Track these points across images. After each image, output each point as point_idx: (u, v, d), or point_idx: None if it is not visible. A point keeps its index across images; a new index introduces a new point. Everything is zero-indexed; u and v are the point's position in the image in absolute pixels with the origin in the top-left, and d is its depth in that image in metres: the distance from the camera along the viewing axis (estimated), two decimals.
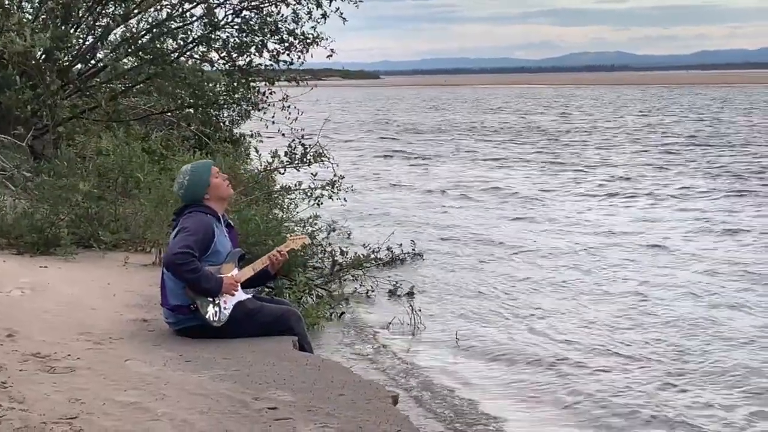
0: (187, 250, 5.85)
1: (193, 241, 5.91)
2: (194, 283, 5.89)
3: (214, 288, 5.95)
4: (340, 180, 12.14)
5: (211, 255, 6.06)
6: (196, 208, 6.16)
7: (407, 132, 46.23)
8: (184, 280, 5.89)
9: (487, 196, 21.51)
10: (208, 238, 6.03)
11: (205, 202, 6.19)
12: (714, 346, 8.83)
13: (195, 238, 5.93)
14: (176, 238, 6.02)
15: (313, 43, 13.97)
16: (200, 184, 6.19)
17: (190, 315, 6.00)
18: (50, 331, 6.06)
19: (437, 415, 7.06)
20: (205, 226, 6.04)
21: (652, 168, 26.37)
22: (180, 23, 14.06)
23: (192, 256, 5.86)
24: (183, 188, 6.20)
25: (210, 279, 5.94)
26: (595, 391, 7.59)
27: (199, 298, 5.94)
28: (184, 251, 5.84)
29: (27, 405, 4.43)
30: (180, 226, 6.08)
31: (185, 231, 5.99)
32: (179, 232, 6.04)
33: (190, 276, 5.86)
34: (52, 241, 9.03)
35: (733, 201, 19.47)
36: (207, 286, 5.92)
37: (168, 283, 6.05)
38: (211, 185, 6.22)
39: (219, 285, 5.97)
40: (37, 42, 11.28)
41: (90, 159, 10.75)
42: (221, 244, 6.13)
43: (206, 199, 6.20)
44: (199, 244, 5.94)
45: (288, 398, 4.80)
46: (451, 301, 10.91)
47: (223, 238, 6.18)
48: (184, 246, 5.86)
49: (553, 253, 13.84)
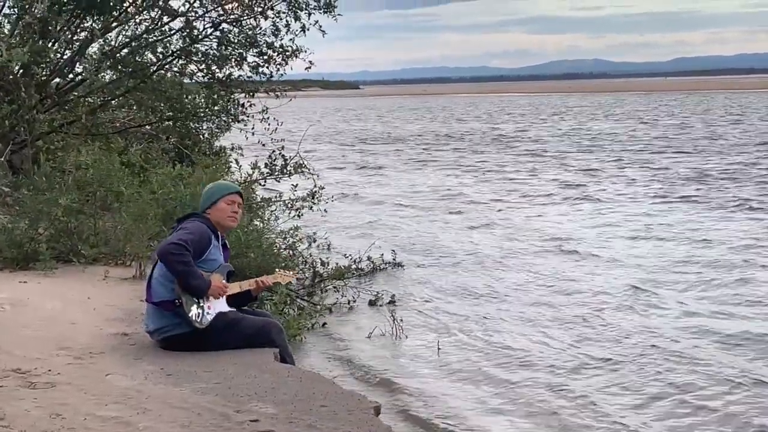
0: (183, 243, 5.97)
1: (190, 239, 6.03)
2: (184, 276, 5.95)
3: (202, 286, 6.02)
4: (321, 191, 12.17)
5: (204, 262, 6.14)
6: (198, 218, 6.33)
7: (362, 142, 46.72)
8: (175, 271, 5.95)
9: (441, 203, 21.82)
10: (204, 243, 6.15)
11: (207, 214, 6.35)
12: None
13: (192, 238, 6.05)
14: (174, 234, 6.14)
15: (293, 55, 14.00)
16: (208, 199, 6.41)
17: (173, 312, 6.00)
18: (30, 346, 6.04)
19: (420, 425, 7.08)
20: (202, 232, 6.18)
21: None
22: (159, 36, 14.04)
23: (186, 250, 5.96)
24: (201, 195, 6.56)
25: (199, 276, 6.03)
26: (578, 398, 7.63)
27: (185, 296, 5.98)
28: (180, 243, 5.96)
29: (8, 421, 4.42)
30: (179, 227, 6.22)
31: (184, 230, 6.14)
32: (178, 231, 6.16)
33: (182, 268, 5.94)
34: (31, 256, 8.99)
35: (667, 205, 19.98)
36: (195, 283, 5.99)
37: (155, 279, 6.11)
38: (216, 205, 6.35)
39: (207, 285, 6.06)
40: (14, 57, 11.24)
41: (69, 173, 10.71)
42: (215, 255, 6.25)
43: (208, 212, 6.35)
44: (195, 245, 6.05)
45: (270, 410, 4.81)
46: (432, 310, 10.93)
47: (216, 251, 6.29)
48: (181, 239, 5.99)
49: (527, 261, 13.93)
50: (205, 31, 13.98)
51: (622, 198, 21.52)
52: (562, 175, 27.10)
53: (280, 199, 12.33)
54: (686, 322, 10.03)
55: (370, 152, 39.06)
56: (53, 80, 13.91)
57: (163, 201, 9.86)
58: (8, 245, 9.04)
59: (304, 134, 13.02)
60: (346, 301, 10.92)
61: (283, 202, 12.21)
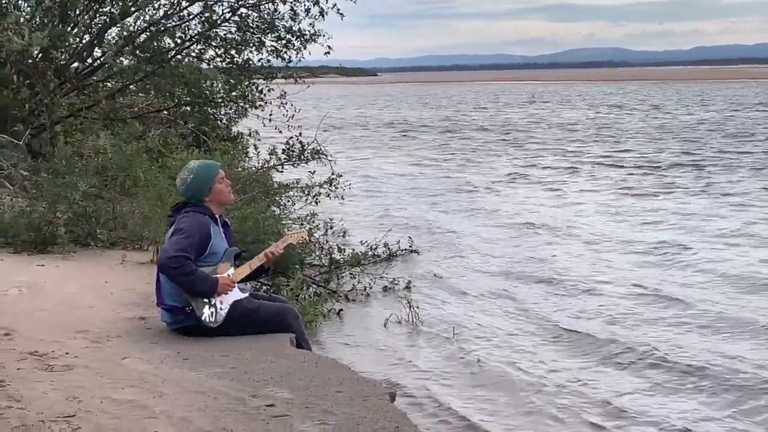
0: (182, 253, 5.82)
1: (188, 244, 5.88)
2: (189, 286, 5.88)
3: (209, 290, 5.94)
4: (338, 178, 12.15)
5: (208, 256, 6.04)
6: (194, 208, 6.14)
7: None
8: (179, 283, 5.88)
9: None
10: (204, 240, 6.00)
11: (204, 202, 6.18)
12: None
13: (190, 242, 5.90)
14: (171, 239, 5.99)
15: (311, 39, 13.96)
16: (203, 185, 6.15)
17: (186, 316, 6.00)
18: (47, 329, 6.06)
19: (435, 411, 7.07)
20: (201, 227, 6.00)
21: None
22: (177, 21, 14.04)
23: (187, 259, 5.83)
24: (185, 185, 6.17)
25: (205, 281, 5.92)
26: (594, 390, 7.61)
27: (195, 300, 5.93)
28: (178, 254, 5.81)
29: (25, 403, 4.43)
30: (176, 227, 6.06)
31: (180, 233, 5.95)
32: (174, 233, 6.03)
33: (185, 279, 5.85)
34: (49, 240, 9.02)
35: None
36: (202, 289, 5.91)
37: (163, 284, 6.04)
38: (214, 189, 6.18)
39: (214, 286, 5.96)
40: (34, 41, 11.26)
41: (88, 157, 10.73)
42: (217, 245, 6.11)
43: (206, 200, 6.18)
44: (195, 247, 5.92)
45: (286, 395, 4.81)
46: (449, 297, 10.92)
47: (219, 239, 6.15)
48: (179, 249, 5.84)
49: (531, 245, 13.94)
50: (224, 15, 13.96)
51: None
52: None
53: (297, 185, 12.33)
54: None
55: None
56: (72, 64, 13.93)
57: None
58: (26, 228, 9.07)
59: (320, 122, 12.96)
60: (363, 287, 10.91)
61: (300, 188, 12.20)
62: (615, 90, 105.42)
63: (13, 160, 11.71)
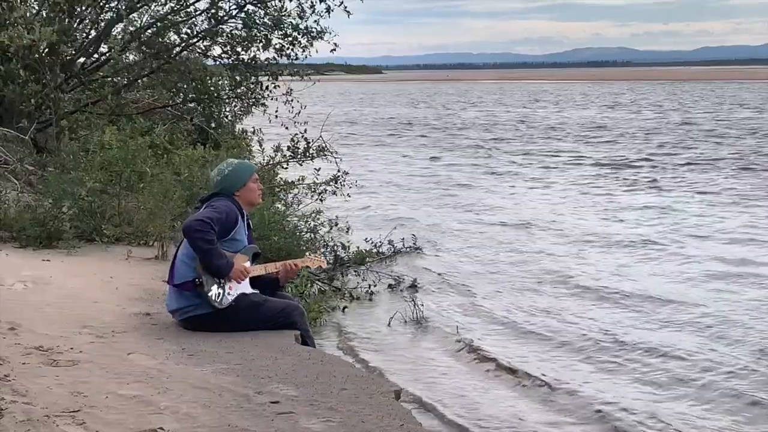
0: (209, 221, 5.95)
1: (217, 218, 6.01)
2: (207, 254, 5.93)
3: (224, 267, 5.99)
4: (344, 176, 12.15)
5: (230, 241, 6.13)
6: (225, 198, 6.26)
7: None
8: (198, 249, 5.93)
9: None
10: (231, 222, 6.11)
11: (235, 196, 6.29)
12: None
13: (219, 217, 6.02)
14: (201, 211, 6.11)
15: (317, 37, 13.95)
16: (238, 180, 6.30)
17: (194, 293, 6.00)
18: (53, 324, 6.06)
19: (440, 409, 7.06)
20: (230, 211, 6.14)
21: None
22: (184, 17, 14.04)
23: (212, 228, 5.94)
24: (222, 176, 6.31)
25: (222, 256, 6.00)
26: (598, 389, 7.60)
27: (206, 275, 5.97)
28: (206, 220, 5.94)
29: (30, 398, 4.43)
30: (207, 205, 6.19)
31: (212, 207, 6.10)
32: (205, 209, 6.13)
33: (205, 246, 5.92)
34: (54, 235, 9.03)
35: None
36: (218, 263, 5.97)
37: (179, 266, 6.09)
38: (246, 186, 6.32)
39: (229, 266, 6.03)
40: (42, 36, 11.27)
41: (93, 152, 10.74)
42: (241, 234, 6.22)
43: (237, 195, 6.29)
44: (221, 225, 6.03)
45: (290, 392, 4.81)
46: (454, 294, 10.92)
47: (242, 230, 6.26)
48: (207, 218, 5.97)
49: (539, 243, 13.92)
50: (231, 12, 13.96)
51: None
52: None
53: (302, 183, 12.33)
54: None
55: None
56: (78, 59, 13.93)
57: (187, 183, 9.87)
58: (32, 223, 9.08)
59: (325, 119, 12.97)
60: (367, 285, 10.91)
61: (306, 185, 12.20)
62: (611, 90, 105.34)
63: (19, 155, 11.71)
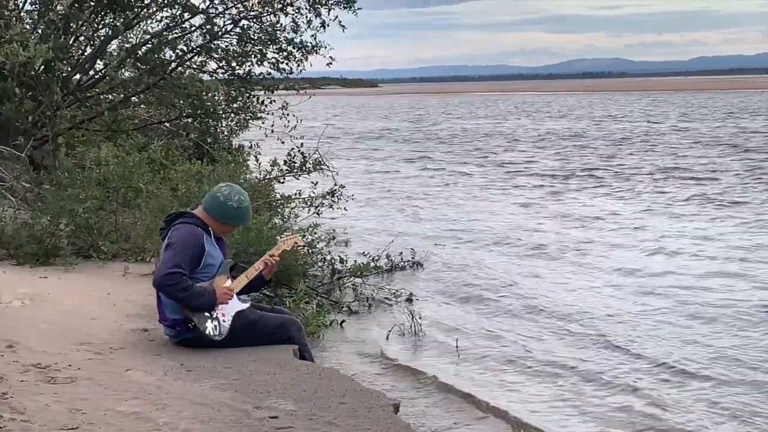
0: (176, 270, 5.82)
1: (182, 260, 5.87)
2: (187, 300, 5.88)
3: (208, 303, 5.94)
4: (341, 189, 12.15)
5: (204, 268, 6.03)
6: (189, 218, 6.13)
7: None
8: (176, 299, 5.88)
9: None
10: (198, 251, 5.99)
11: (206, 218, 6.15)
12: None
13: (183, 257, 5.89)
14: (165, 255, 5.98)
15: (313, 51, 14.00)
16: (229, 218, 6.19)
17: (189, 330, 5.99)
18: (50, 341, 6.06)
19: (439, 422, 7.05)
20: (193, 240, 5.99)
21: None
22: (179, 33, 14.08)
23: (182, 275, 5.83)
24: (224, 200, 6.14)
25: (202, 294, 5.91)
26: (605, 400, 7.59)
27: (196, 315, 5.93)
28: (173, 271, 5.81)
29: (28, 416, 4.43)
30: (168, 241, 6.04)
31: (172, 248, 5.93)
32: (167, 247, 6.01)
33: (182, 295, 5.85)
34: (51, 252, 9.03)
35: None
36: (200, 302, 5.91)
37: (164, 300, 6.05)
38: (227, 226, 6.27)
39: (212, 299, 5.96)
40: (38, 53, 11.29)
41: (90, 169, 10.75)
42: (212, 257, 6.10)
43: (211, 219, 6.15)
44: (189, 261, 5.91)
45: (289, 407, 4.80)
46: (453, 309, 10.91)
47: (213, 249, 6.14)
48: (173, 266, 5.83)
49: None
50: (225, 27, 14.00)
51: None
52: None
53: (299, 197, 12.33)
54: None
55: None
56: (74, 76, 13.96)
57: (184, 198, 9.87)
58: (29, 241, 9.08)
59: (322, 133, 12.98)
60: (365, 298, 10.90)
61: (302, 199, 12.20)
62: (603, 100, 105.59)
63: (16, 172, 11.72)
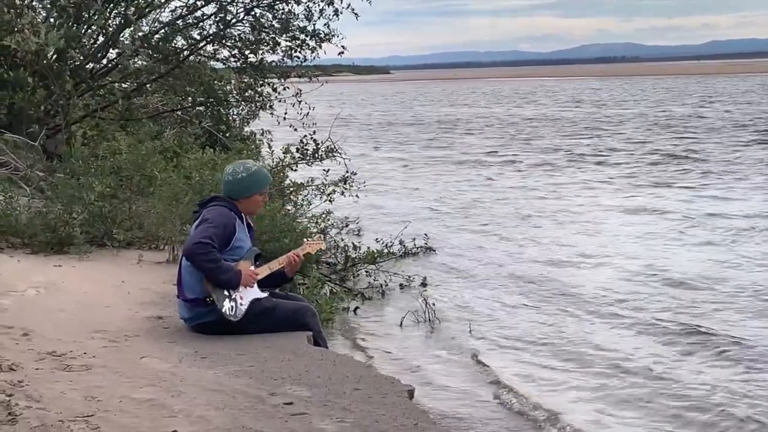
0: (208, 240, 5.90)
1: (214, 233, 5.95)
2: (213, 274, 5.91)
3: (233, 280, 5.97)
4: (353, 176, 12.14)
5: (232, 250, 6.09)
6: (222, 202, 6.22)
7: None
8: (203, 270, 5.92)
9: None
10: (229, 232, 6.07)
11: (236, 201, 6.24)
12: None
13: (216, 231, 5.97)
14: (198, 228, 6.06)
15: (326, 39, 13.95)
16: (247, 189, 6.24)
17: (206, 309, 6.01)
18: (65, 329, 6.07)
19: (454, 408, 7.05)
20: (226, 220, 6.08)
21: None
22: (192, 21, 14.05)
23: (212, 246, 5.90)
24: (234, 178, 6.22)
25: (228, 270, 5.96)
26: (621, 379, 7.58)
27: (216, 292, 5.95)
28: (204, 241, 5.88)
29: (44, 404, 4.43)
30: (202, 218, 6.13)
31: (207, 222, 6.03)
32: (201, 223, 6.08)
33: (210, 266, 5.89)
34: (65, 240, 9.04)
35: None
36: (225, 278, 5.94)
37: (185, 277, 6.07)
38: (252, 198, 6.28)
39: (237, 277, 6.00)
40: (50, 41, 11.28)
41: (103, 158, 10.75)
42: (241, 240, 6.17)
43: (238, 202, 6.25)
44: (220, 238, 5.99)
45: (304, 393, 4.80)
46: (466, 294, 10.90)
47: (243, 234, 6.22)
48: (205, 236, 5.91)
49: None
50: (238, 15, 13.96)
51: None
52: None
53: (312, 184, 12.33)
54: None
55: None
56: (87, 65, 13.95)
57: (197, 186, 9.87)
58: (43, 229, 9.09)
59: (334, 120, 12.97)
60: (379, 285, 10.90)
61: (315, 186, 12.20)
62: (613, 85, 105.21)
63: (29, 161, 11.73)
